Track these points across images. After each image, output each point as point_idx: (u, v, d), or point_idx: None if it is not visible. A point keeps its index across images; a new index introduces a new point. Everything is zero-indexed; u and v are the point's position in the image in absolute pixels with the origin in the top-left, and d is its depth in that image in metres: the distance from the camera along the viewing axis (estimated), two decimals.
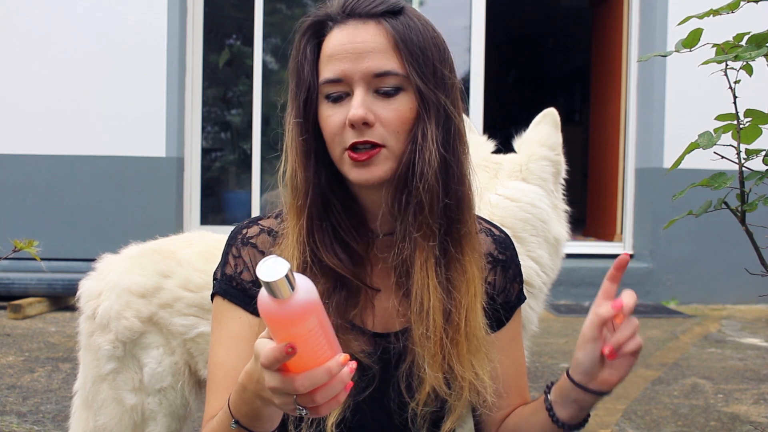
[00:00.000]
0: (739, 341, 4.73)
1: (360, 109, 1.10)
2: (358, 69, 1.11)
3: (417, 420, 1.18)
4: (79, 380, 1.98)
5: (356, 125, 1.11)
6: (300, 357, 0.85)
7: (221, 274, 1.25)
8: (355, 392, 1.15)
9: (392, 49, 1.12)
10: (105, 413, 1.86)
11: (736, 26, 1.44)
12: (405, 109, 1.13)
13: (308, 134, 1.17)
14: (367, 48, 1.12)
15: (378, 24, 1.13)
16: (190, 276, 1.84)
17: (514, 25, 9.41)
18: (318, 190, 1.17)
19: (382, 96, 1.13)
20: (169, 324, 1.84)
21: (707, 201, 1.42)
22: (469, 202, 1.20)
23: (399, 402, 1.18)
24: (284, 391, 0.89)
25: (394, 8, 1.15)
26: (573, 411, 1.16)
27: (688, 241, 5.85)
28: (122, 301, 1.84)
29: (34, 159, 5.81)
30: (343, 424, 1.15)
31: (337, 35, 1.14)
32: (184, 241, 1.97)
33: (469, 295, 1.18)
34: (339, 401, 0.91)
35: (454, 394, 1.18)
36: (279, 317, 0.84)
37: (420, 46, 1.14)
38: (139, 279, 1.85)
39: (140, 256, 1.91)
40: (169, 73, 5.83)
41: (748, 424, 3.09)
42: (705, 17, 1.39)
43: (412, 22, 1.15)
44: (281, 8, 6.62)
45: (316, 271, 1.16)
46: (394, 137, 1.13)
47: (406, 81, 1.13)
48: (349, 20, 1.14)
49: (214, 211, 6.55)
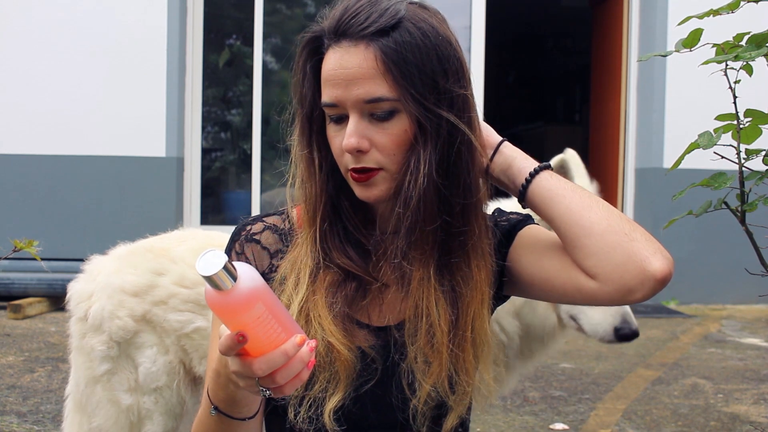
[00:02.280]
0: (739, 341, 4.73)
1: (352, 138, 1.10)
2: (349, 97, 1.10)
3: (418, 417, 1.19)
4: (71, 383, 1.97)
5: (351, 153, 1.11)
6: (254, 342, 0.90)
7: None
8: (357, 383, 1.16)
9: (382, 74, 1.09)
10: (100, 415, 1.85)
11: (736, 26, 1.44)
12: (400, 131, 1.12)
13: (311, 147, 1.18)
14: (356, 75, 1.09)
15: (367, 47, 1.09)
16: (185, 272, 1.85)
17: (514, 25, 9.41)
18: (328, 197, 1.18)
19: (376, 120, 1.12)
20: (163, 321, 1.84)
21: (707, 201, 1.42)
22: (477, 209, 1.18)
23: (401, 398, 1.19)
24: (245, 375, 0.94)
25: (386, 26, 1.09)
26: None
27: (688, 241, 5.85)
28: (115, 300, 1.84)
29: (34, 159, 5.81)
30: (343, 415, 1.16)
31: (331, 58, 1.12)
32: (175, 238, 1.97)
33: (475, 301, 1.17)
34: (302, 379, 0.95)
35: (457, 397, 1.18)
36: (224, 308, 0.88)
37: (416, 63, 1.09)
38: (131, 278, 1.85)
39: (131, 255, 1.92)
40: (169, 73, 5.83)
41: (748, 424, 3.09)
42: (705, 17, 1.39)
43: (407, 35, 1.10)
44: (281, 8, 6.62)
45: (328, 265, 1.18)
46: (390, 159, 1.13)
47: (399, 104, 1.10)
48: (342, 41, 1.11)
49: (214, 211, 6.55)
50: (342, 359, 1.14)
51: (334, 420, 1.15)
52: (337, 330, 1.14)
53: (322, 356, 1.14)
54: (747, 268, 1.57)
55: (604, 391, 3.54)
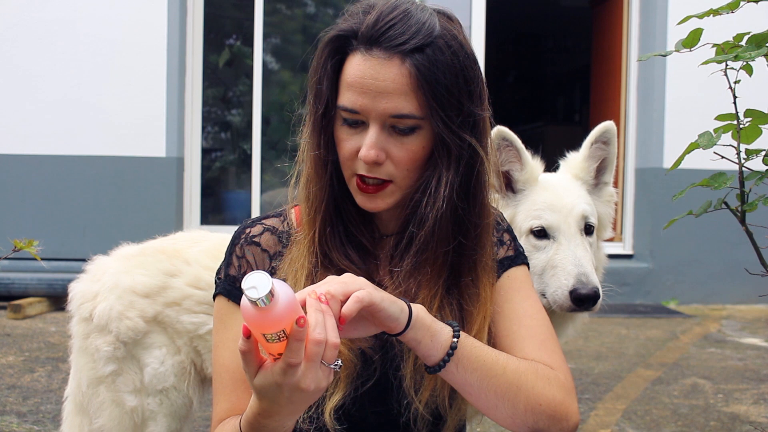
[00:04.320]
0: (739, 341, 4.73)
1: (372, 150, 1.10)
2: (376, 108, 1.10)
3: (418, 420, 1.19)
4: (71, 385, 1.95)
5: (368, 164, 1.12)
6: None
7: (225, 274, 1.25)
8: (357, 383, 1.17)
9: (413, 91, 1.09)
10: (103, 416, 1.84)
11: (736, 26, 1.44)
12: (418, 148, 1.13)
13: (323, 148, 1.18)
14: (388, 89, 1.09)
15: (402, 62, 1.09)
16: (200, 274, 1.84)
17: (514, 24, 9.40)
18: (332, 198, 1.19)
19: (396, 133, 1.12)
20: (176, 322, 1.83)
21: (707, 201, 1.42)
22: (488, 230, 1.19)
23: (401, 400, 1.19)
24: (314, 367, 0.92)
25: (422, 43, 1.09)
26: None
27: (688, 241, 5.85)
28: (124, 301, 1.82)
29: (34, 159, 5.81)
30: (343, 414, 1.16)
31: (359, 63, 1.11)
32: (187, 240, 1.96)
33: (479, 318, 1.18)
34: (337, 340, 0.94)
35: (453, 411, 1.20)
36: (260, 321, 0.90)
37: (446, 84, 1.10)
38: (142, 279, 1.84)
39: (140, 256, 1.90)
40: (169, 73, 5.83)
41: (748, 424, 3.09)
42: (705, 17, 1.39)
43: (441, 55, 1.10)
44: (281, 8, 6.62)
45: (327, 266, 1.18)
46: (402, 174, 1.14)
47: (423, 122, 1.11)
48: (374, 50, 1.10)
49: (214, 211, 6.55)
50: (342, 358, 1.14)
51: (334, 419, 1.15)
52: None
53: None
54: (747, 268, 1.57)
55: (604, 391, 3.54)
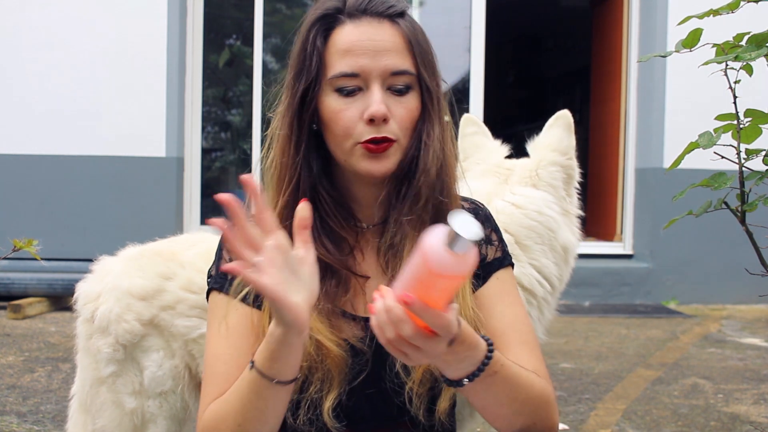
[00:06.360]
0: (739, 341, 4.73)
1: (382, 105, 1.14)
2: (377, 66, 1.15)
3: (414, 401, 1.19)
4: (77, 383, 1.96)
5: (377, 120, 1.14)
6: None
7: (216, 270, 1.26)
8: (349, 377, 1.17)
9: (406, 50, 1.18)
10: (104, 417, 1.85)
11: (736, 26, 1.44)
12: (414, 107, 1.18)
13: (303, 126, 1.19)
14: (387, 46, 1.16)
15: (393, 24, 1.18)
16: (193, 278, 1.83)
17: (514, 25, 9.40)
18: (309, 182, 1.19)
19: (394, 93, 1.17)
20: (171, 326, 1.83)
21: (707, 201, 1.42)
22: (456, 194, 1.26)
23: (394, 384, 1.19)
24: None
25: (402, 10, 1.20)
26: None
27: (688, 241, 5.85)
28: (122, 303, 1.82)
29: (34, 159, 5.81)
30: (340, 410, 1.16)
31: (352, 30, 1.17)
32: (184, 242, 1.96)
33: None
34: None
35: None
36: (453, 271, 0.86)
37: (425, 48, 1.20)
38: (139, 281, 1.84)
39: (139, 258, 1.90)
40: (169, 73, 5.83)
41: (748, 424, 3.09)
42: (705, 17, 1.39)
43: (414, 23, 1.21)
44: (281, 8, 6.62)
45: None
46: (404, 132, 1.18)
47: (415, 80, 1.18)
48: (364, 17, 1.17)
49: (214, 212, 6.55)
50: (332, 356, 1.14)
51: (333, 418, 1.15)
52: (323, 327, 1.15)
53: (312, 356, 1.14)
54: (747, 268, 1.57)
55: (604, 391, 3.54)
